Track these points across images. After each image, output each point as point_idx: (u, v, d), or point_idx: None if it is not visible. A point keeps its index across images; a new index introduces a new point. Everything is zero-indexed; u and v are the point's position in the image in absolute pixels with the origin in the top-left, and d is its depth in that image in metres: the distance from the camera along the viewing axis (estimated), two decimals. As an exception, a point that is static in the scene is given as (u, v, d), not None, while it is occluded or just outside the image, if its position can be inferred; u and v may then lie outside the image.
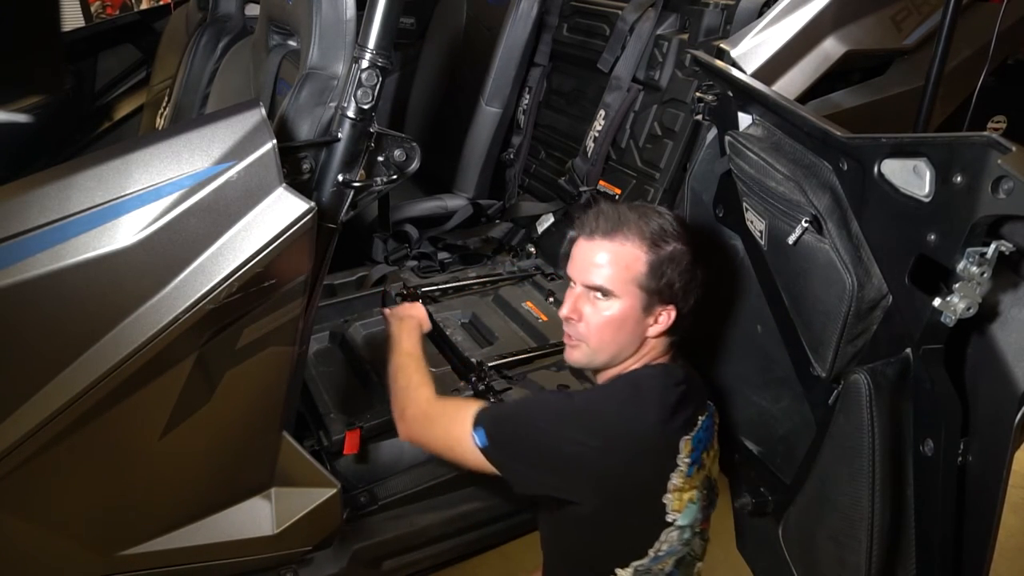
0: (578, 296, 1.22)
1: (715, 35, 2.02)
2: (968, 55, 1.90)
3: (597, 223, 1.20)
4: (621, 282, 1.17)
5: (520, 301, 2.17)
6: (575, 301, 1.22)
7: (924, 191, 0.87)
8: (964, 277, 0.80)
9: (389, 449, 1.75)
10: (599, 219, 1.20)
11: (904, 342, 0.96)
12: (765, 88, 1.24)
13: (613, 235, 1.18)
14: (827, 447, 1.09)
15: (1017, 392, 0.80)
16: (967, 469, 0.89)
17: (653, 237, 1.17)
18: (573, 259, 1.24)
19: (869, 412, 0.96)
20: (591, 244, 1.20)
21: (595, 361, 1.25)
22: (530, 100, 2.67)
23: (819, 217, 1.05)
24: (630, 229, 1.18)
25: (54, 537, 1.23)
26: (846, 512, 1.01)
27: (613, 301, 1.18)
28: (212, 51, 2.35)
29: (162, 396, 1.16)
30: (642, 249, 1.17)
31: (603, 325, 1.20)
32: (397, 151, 1.32)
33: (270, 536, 1.41)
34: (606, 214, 1.20)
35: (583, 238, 1.22)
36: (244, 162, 1.08)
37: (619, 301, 1.18)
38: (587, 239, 1.21)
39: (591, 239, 1.20)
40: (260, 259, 1.10)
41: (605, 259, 1.18)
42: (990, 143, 0.76)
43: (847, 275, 1.01)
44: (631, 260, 1.17)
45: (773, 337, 1.35)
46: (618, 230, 1.18)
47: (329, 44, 1.33)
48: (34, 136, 2.60)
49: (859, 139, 0.98)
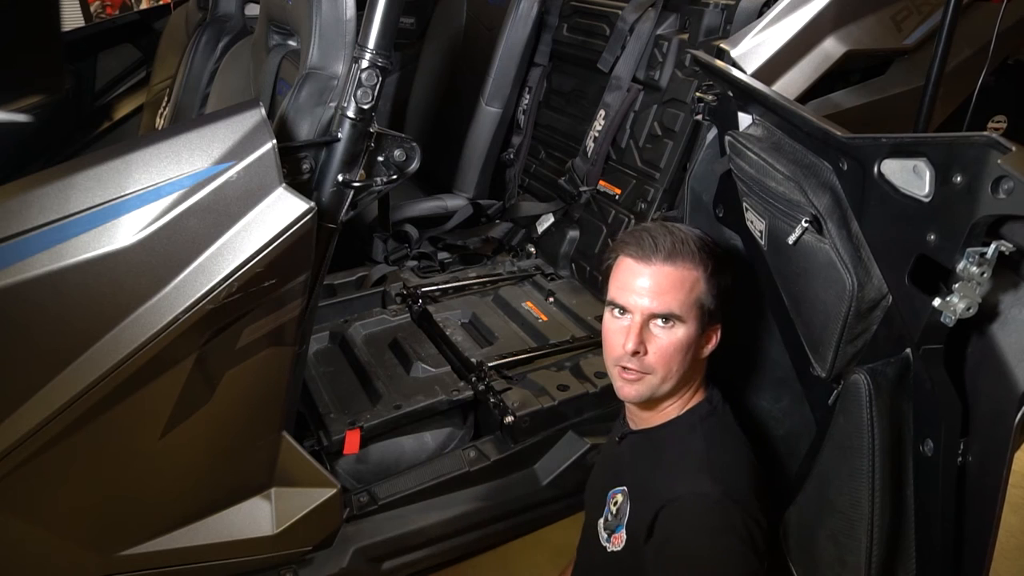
0: (639, 326, 1.13)
1: (715, 35, 2.02)
2: (968, 55, 1.90)
3: (656, 246, 1.13)
4: (687, 306, 1.13)
5: (520, 301, 2.17)
6: (637, 332, 1.12)
7: (924, 191, 0.87)
8: (964, 277, 0.80)
9: (389, 449, 1.75)
10: (655, 241, 1.14)
11: (904, 342, 0.96)
12: (765, 88, 1.24)
13: (673, 258, 1.13)
14: (827, 447, 1.09)
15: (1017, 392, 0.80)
16: (967, 469, 0.89)
17: (704, 255, 1.14)
18: (625, 285, 1.15)
19: (869, 412, 0.96)
20: (651, 269, 1.13)
21: (659, 392, 1.17)
22: (530, 100, 2.67)
23: (819, 217, 1.05)
24: (686, 249, 1.14)
25: (54, 537, 1.23)
26: (846, 512, 1.01)
27: (679, 327, 1.13)
28: (212, 51, 2.35)
29: (162, 396, 1.16)
30: (699, 269, 1.14)
31: (673, 353, 1.13)
32: (397, 151, 1.32)
33: (270, 536, 1.41)
34: (659, 236, 1.15)
35: (638, 262, 1.14)
36: (244, 162, 1.08)
37: (684, 326, 1.13)
38: (644, 263, 1.14)
39: (649, 263, 1.13)
40: (260, 259, 1.10)
41: (670, 284, 1.12)
42: (990, 143, 0.76)
43: (847, 275, 1.01)
44: (693, 282, 1.13)
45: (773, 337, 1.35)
46: (677, 252, 1.13)
47: (329, 44, 1.33)
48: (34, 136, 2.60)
49: (859, 139, 0.98)
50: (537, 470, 1.78)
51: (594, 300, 2.24)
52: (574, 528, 1.42)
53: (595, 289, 2.27)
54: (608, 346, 1.18)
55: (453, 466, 1.69)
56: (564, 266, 2.39)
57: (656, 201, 2.13)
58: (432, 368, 1.89)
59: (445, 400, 1.79)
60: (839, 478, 1.04)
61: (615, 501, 1.24)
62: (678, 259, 1.13)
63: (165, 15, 2.97)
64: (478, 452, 1.73)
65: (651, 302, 1.12)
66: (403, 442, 1.77)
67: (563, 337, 1.99)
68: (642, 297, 1.12)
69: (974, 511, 0.89)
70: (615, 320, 1.16)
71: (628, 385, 1.16)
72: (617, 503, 1.23)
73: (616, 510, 1.23)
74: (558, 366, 1.89)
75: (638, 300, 1.13)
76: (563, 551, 1.51)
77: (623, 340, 1.13)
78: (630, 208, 2.20)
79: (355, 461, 1.70)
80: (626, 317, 1.14)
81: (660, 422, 1.22)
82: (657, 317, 1.12)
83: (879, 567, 0.99)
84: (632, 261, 1.14)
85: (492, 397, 1.74)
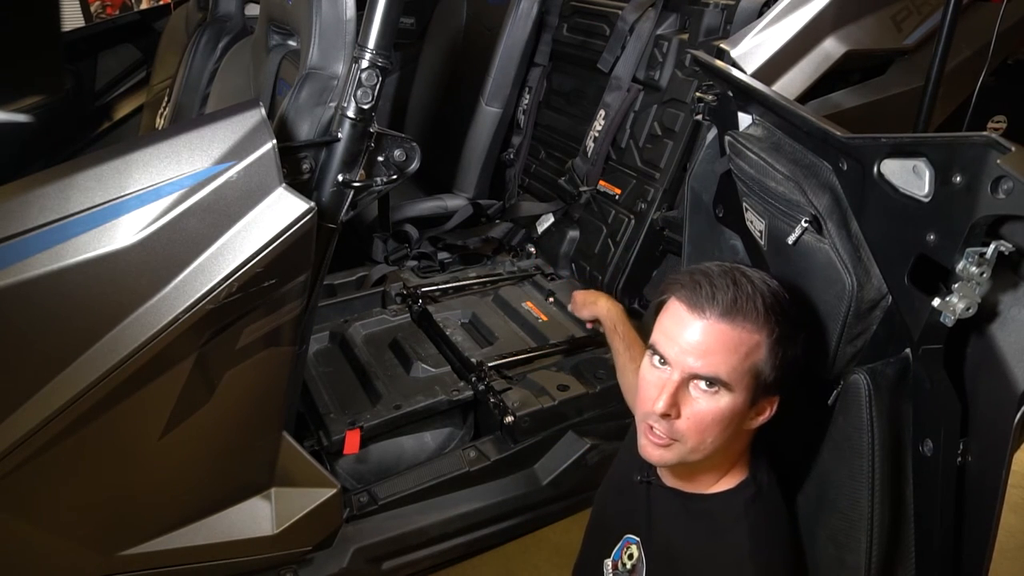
0: (676, 385, 0.96)
1: (715, 35, 2.02)
2: (968, 55, 1.90)
3: (713, 297, 0.96)
4: (738, 373, 0.95)
5: (520, 301, 2.17)
6: (672, 392, 0.96)
7: (924, 191, 0.87)
8: (963, 277, 0.80)
9: (389, 449, 1.75)
10: (714, 290, 0.96)
11: (904, 342, 0.96)
12: (765, 88, 1.23)
13: (732, 315, 0.95)
14: (826, 447, 1.09)
15: (1017, 392, 0.80)
16: (967, 469, 0.89)
17: (772, 316, 0.97)
18: (669, 334, 0.98)
19: (868, 412, 0.96)
20: (703, 323, 0.96)
21: (688, 460, 1.01)
22: (530, 100, 2.67)
23: (819, 217, 1.05)
24: (750, 307, 0.96)
25: (54, 537, 1.23)
26: (845, 512, 1.01)
27: (724, 395, 0.96)
28: (212, 51, 2.36)
29: (162, 396, 1.16)
30: (762, 332, 0.96)
31: (710, 423, 0.96)
32: (397, 151, 1.32)
33: (270, 536, 1.41)
34: (720, 285, 0.97)
35: (690, 312, 0.97)
36: (244, 162, 1.08)
37: (731, 395, 0.96)
38: (696, 314, 0.96)
39: (702, 315, 0.96)
40: (260, 259, 1.11)
41: (721, 344, 0.95)
42: (990, 143, 0.76)
43: (847, 275, 1.01)
44: (752, 347, 0.95)
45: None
46: (738, 309, 0.95)
47: (329, 44, 1.33)
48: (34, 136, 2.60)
49: (859, 139, 0.98)
50: (537, 470, 1.78)
51: (594, 300, 2.24)
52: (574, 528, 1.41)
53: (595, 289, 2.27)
54: (641, 396, 1.02)
55: (453, 466, 1.69)
56: (564, 266, 2.39)
57: (656, 201, 2.13)
58: (432, 368, 1.89)
59: (445, 400, 1.79)
60: (838, 478, 1.04)
61: (629, 553, 1.14)
62: (737, 317, 0.95)
63: (165, 15, 2.97)
64: (478, 452, 1.73)
65: (695, 361, 0.95)
66: (403, 442, 1.77)
67: (563, 337, 1.99)
68: (687, 354, 0.96)
69: (974, 511, 0.89)
70: (653, 370, 1.00)
71: (652, 448, 1.01)
72: (632, 556, 1.13)
73: (631, 565, 1.13)
74: (558, 366, 1.89)
75: (681, 356, 0.96)
76: (563, 551, 1.51)
77: (655, 396, 0.97)
78: (630, 208, 2.20)
79: (355, 461, 1.70)
80: (665, 369, 0.98)
81: (696, 491, 1.07)
82: (700, 379, 0.96)
83: (879, 567, 0.99)
84: (683, 308, 0.98)
85: (492, 397, 1.74)
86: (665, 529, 1.10)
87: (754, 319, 0.96)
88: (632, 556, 1.13)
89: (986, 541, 0.87)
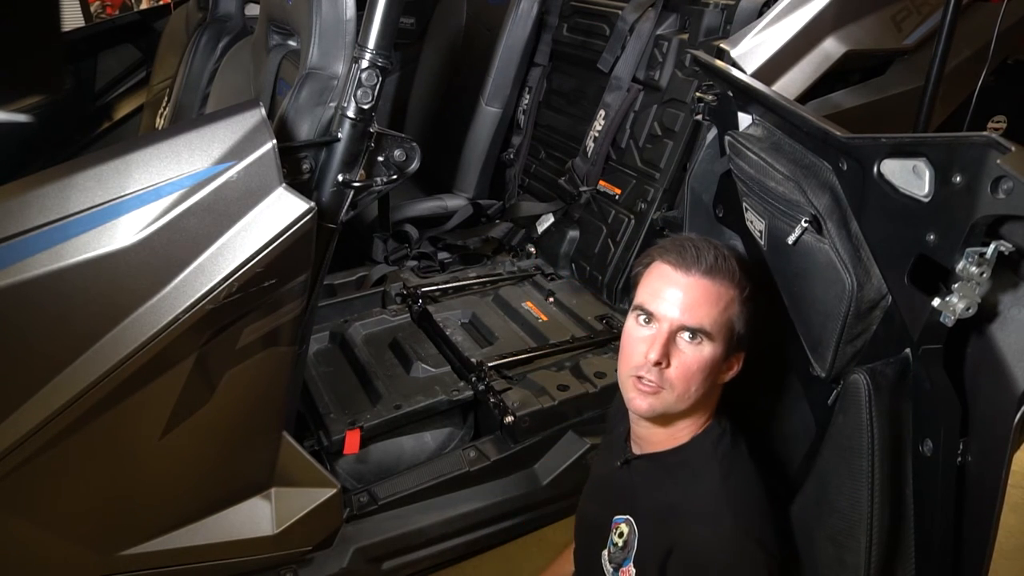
0: (665, 336, 1.07)
1: (715, 35, 2.02)
2: (968, 55, 1.90)
3: (698, 257, 1.08)
4: (718, 324, 1.07)
5: (520, 301, 2.17)
6: (663, 343, 1.06)
7: (923, 191, 0.87)
8: (963, 277, 0.80)
9: (389, 449, 1.75)
10: (698, 252, 1.09)
11: (904, 342, 0.96)
12: (765, 88, 1.24)
13: (714, 273, 1.08)
14: (826, 447, 1.09)
15: (1017, 392, 0.80)
16: (966, 469, 0.89)
17: (742, 277, 1.10)
18: (657, 292, 1.09)
19: (868, 412, 0.96)
20: (688, 280, 1.08)
21: (674, 409, 1.11)
22: (530, 100, 2.67)
23: (819, 217, 1.05)
24: (727, 266, 1.09)
25: (54, 537, 1.23)
26: (845, 512, 1.01)
27: (707, 344, 1.07)
28: (212, 51, 2.36)
29: (162, 396, 1.16)
30: (736, 289, 1.09)
31: (695, 371, 1.07)
32: (397, 151, 1.32)
33: (270, 536, 1.41)
34: (702, 248, 1.10)
35: (677, 270, 1.09)
36: (244, 162, 1.08)
37: (712, 345, 1.08)
38: (682, 272, 1.08)
39: (688, 273, 1.08)
40: (260, 259, 1.10)
41: (705, 298, 1.07)
42: (990, 143, 0.76)
43: (847, 275, 1.01)
44: (729, 301, 1.08)
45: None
46: (718, 268, 1.08)
47: (329, 44, 1.33)
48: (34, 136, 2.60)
49: (859, 139, 0.98)
50: (537, 470, 1.78)
51: (594, 300, 2.24)
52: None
53: (595, 289, 2.27)
54: (627, 354, 1.11)
55: (453, 466, 1.69)
56: (564, 266, 2.39)
57: (656, 201, 2.13)
58: (432, 368, 1.89)
59: (445, 400, 1.79)
60: (838, 478, 1.04)
61: (619, 532, 1.19)
62: (718, 275, 1.08)
63: (165, 15, 2.97)
64: (478, 452, 1.73)
65: (683, 314, 1.06)
66: (403, 442, 1.77)
67: (563, 337, 1.99)
68: (674, 307, 1.07)
69: (973, 511, 0.89)
70: (639, 328, 1.10)
71: (642, 397, 1.09)
72: (623, 534, 1.18)
73: (622, 542, 1.18)
74: (558, 366, 1.89)
75: (669, 309, 1.07)
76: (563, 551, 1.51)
77: (646, 349, 1.07)
78: (630, 208, 2.20)
79: (355, 461, 1.70)
80: (652, 326, 1.08)
81: (670, 446, 1.16)
82: (686, 331, 1.07)
83: (878, 567, 0.99)
84: (670, 268, 1.09)
85: (492, 397, 1.74)
86: (650, 494, 1.17)
87: (731, 277, 1.09)
88: (623, 534, 1.18)
89: (986, 541, 0.86)
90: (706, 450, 1.14)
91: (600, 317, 2.12)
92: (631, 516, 1.17)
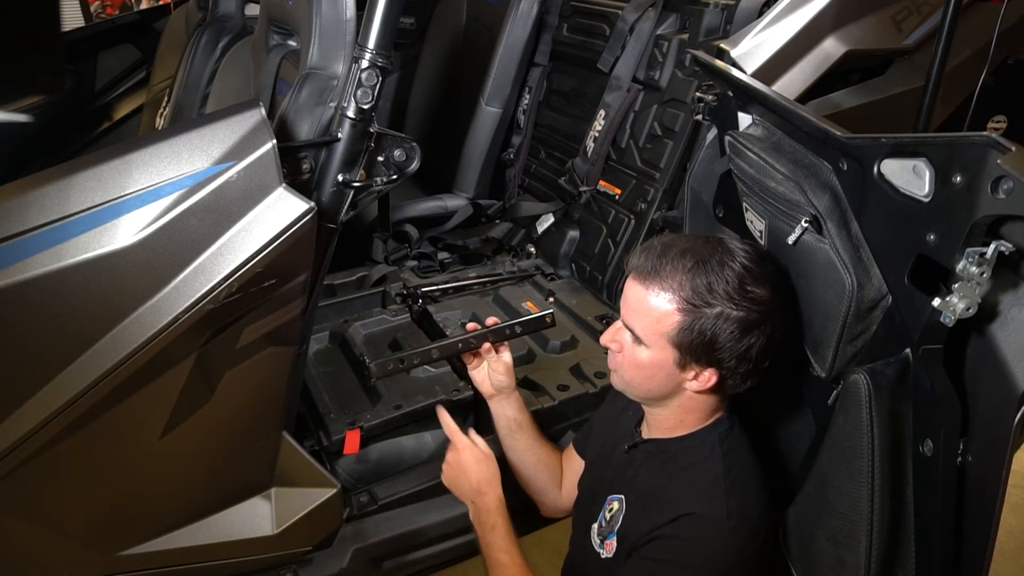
0: (618, 328, 1.16)
1: (715, 35, 2.02)
2: (968, 55, 1.90)
3: (641, 259, 1.09)
4: (651, 333, 1.08)
5: (520, 301, 2.17)
6: (615, 331, 1.16)
7: (924, 191, 0.87)
8: (964, 277, 0.80)
9: (389, 449, 1.75)
10: (645, 255, 1.09)
11: (904, 342, 0.96)
12: (765, 88, 1.24)
13: (649, 281, 1.08)
14: (826, 447, 1.09)
15: (1017, 392, 0.80)
16: (967, 469, 0.89)
17: (692, 295, 1.04)
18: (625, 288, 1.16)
19: (868, 412, 0.96)
20: (631, 282, 1.12)
21: (630, 394, 1.20)
22: (530, 100, 2.67)
23: (819, 217, 1.05)
24: (669, 278, 1.06)
25: (54, 537, 1.23)
26: (845, 512, 1.01)
27: (643, 348, 1.11)
28: (212, 51, 2.35)
29: (162, 396, 1.16)
30: (675, 305, 1.05)
31: (633, 367, 1.14)
32: (397, 151, 1.32)
33: (270, 536, 1.41)
34: (652, 251, 1.09)
35: (630, 271, 1.13)
36: (244, 162, 1.08)
37: (648, 351, 1.10)
38: (632, 275, 1.12)
39: (633, 276, 1.11)
40: (260, 259, 1.10)
41: (638, 305, 1.09)
42: (990, 143, 0.76)
43: (847, 275, 1.01)
44: (661, 314, 1.06)
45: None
46: (656, 275, 1.07)
47: (329, 44, 1.33)
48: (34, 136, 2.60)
49: (859, 139, 0.98)
50: (537, 470, 1.78)
51: (594, 300, 2.24)
52: (574, 528, 1.42)
53: (595, 289, 2.27)
54: None
55: None
56: (564, 266, 2.39)
57: (656, 201, 2.13)
58: (432, 368, 1.89)
59: (445, 400, 1.79)
60: (838, 478, 1.04)
61: (610, 508, 1.23)
62: (653, 286, 1.07)
63: (165, 15, 2.97)
64: (478, 452, 1.72)
65: (625, 316, 1.14)
66: (403, 442, 1.77)
67: (564, 337, 1.99)
68: (625, 306, 1.14)
69: (973, 511, 0.89)
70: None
71: (611, 373, 1.21)
72: (612, 510, 1.22)
73: (610, 516, 1.22)
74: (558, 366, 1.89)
75: (623, 306, 1.15)
76: (563, 551, 1.51)
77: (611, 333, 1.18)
78: (630, 208, 2.20)
79: (355, 461, 1.70)
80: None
81: (676, 434, 1.19)
82: (628, 330, 1.14)
83: (878, 567, 0.99)
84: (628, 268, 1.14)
85: (492, 397, 1.74)
86: (647, 475, 1.20)
87: (670, 291, 1.06)
88: (612, 510, 1.22)
89: (986, 541, 0.87)
90: (712, 443, 1.16)
91: (600, 317, 2.11)
92: (623, 495, 1.22)
